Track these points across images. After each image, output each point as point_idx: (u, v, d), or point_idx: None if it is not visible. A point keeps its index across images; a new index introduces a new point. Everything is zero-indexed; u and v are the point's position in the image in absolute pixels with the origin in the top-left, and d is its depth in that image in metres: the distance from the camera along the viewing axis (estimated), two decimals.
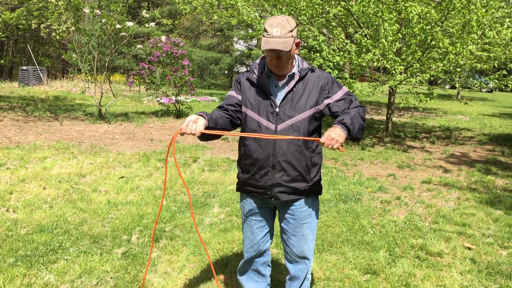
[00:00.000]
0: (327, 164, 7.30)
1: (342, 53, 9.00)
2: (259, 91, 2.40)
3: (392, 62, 8.53)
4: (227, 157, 7.43)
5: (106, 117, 11.26)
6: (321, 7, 9.34)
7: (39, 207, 4.68)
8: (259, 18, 10.65)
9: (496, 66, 10.37)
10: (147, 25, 12.54)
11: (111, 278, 3.27)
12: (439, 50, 9.23)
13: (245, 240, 2.63)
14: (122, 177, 5.89)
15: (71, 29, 11.26)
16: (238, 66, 30.15)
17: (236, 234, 4.15)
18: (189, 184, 5.74)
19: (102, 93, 11.56)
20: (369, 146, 9.17)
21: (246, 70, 2.52)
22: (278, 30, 2.20)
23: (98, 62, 11.48)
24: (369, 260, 3.71)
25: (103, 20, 10.57)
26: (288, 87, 2.38)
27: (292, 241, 2.54)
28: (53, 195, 5.06)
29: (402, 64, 8.68)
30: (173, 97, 12.68)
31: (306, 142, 2.38)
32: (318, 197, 2.59)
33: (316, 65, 8.80)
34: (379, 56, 8.55)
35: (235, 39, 31.49)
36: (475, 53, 9.70)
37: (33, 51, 23.66)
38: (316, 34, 9.26)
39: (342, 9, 9.37)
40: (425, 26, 8.36)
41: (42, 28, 12.83)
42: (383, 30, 8.43)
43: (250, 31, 16.99)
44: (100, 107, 11.35)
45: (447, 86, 17.14)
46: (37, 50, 27.97)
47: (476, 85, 10.02)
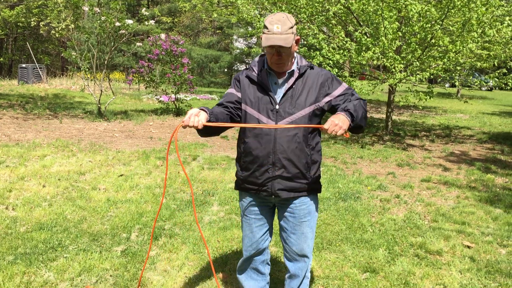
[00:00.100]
0: (327, 163, 7.30)
1: (342, 51, 8.99)
2: (259, 89, 2.40)
3: (392, 60, 8.53)
4: (227, 155, 7.43)
5: (106, 115, 11.26)
6: (321, 5, 9.32)
7: (39, 205, 4.67)
8: (259, 16, 10.63)
9: (496, 65, 10.37)
10: (147, 23, 12.52)
11: (111, 276, 3.27)
12: (439, 49, 9.22)
13: (244, 239, 2.62)
14: (122, 175, 5.89)
15: (71, 27, 11.26)
16: (238, 64, 30.11)
17: (236, 232, 4.15)
18: (188, 182, 5.73)
19: (102, 91, 11.56)
20: (369, 145, 9.17)
21: (245, 68, 2.52)
22: (279, 27, 2.20)
23: (98, 60, 11.47)
24: (369, 259, 3.71)
25: (103, 18, 10.56)
26: (288, 84, 2.37)
27: (292, 239, 2.53)
28: (53, 193, 5.06)
29: (402, 63, 8.67)
30: (173, 95, 12.66)
31: (306, 139, 2.37)
32: (318, 195, 2.59)
33: (316, 63, 8.79)
34: (379, 54, 8.54)
35: (235, 37, 31.46)
36: (475, 52, 9.70)
37: (33, 49, 23.63)
38: (316, 32, 9.24)
39: (342, 7, 9.36)
40: (425, 25, 8.35)
41: (42, 26, 12.84)
42: (383, 28, 8.42)
43: (250, 29, 16.96)
44: (100, 105, 11.34)
45: (447, 85, 17.14)
46: (37, 48, 27.93)
47: (476, 84, 10.01)
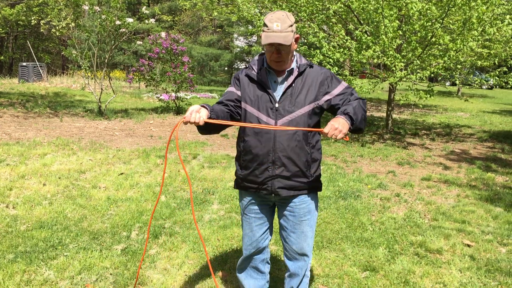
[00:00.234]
0: (327, 161, 7.30)
1: (342, 50, 8.98)
2: (259, 87, 2.40)
3: (392, 59, 8.52)
4: (227, 154, 7.43)
5: (106, 114, 11.26)
6: (321, 4, 9.31)
7: (39, 204, 4.68)
8: (259, 15, 10.62)
9: (497, 63, 10.35)
10: (147, 22, 12.51)
11: (111, 275, 3.28)
12: (440, 47, 9.21)
13: (244, 237, 2.62)
14: (122, 174, 5.90)
15: (71, 25, 11.25)
16: (238, 63, 30.09)
17: (236, 231, 4.15)
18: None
19: (102, 90, 11.56)
20: (369, 143, 9.17)
21: (245, 67, 2.52)
22: (279, 25, 2.20)
23: (98, 59, 11.47)
24: (369, 257, 3.72)
25: (103, 16, 10.56)
26: (287, 83, 2.38)
27: (292, 238, 2.53)
28: (53, 192, 5.06)
29: (402, 61, 8.66)
30: (173, 94, 12.66)
31: (306, 138, 2.37)
32: (318, 194, 2.59)
33: (316, 62, 8.78)
34: (379, 53, 8.53)
35: (235, 36, 31.43)
36: (476, 50, 9.68)
37: (33, 47, 23.61)
38: (316, 31, 9.24)
39: (342, 6, 9.35)
40: (426, 23, 8.34)
41: (42, 24, 12.80)
42: (384, 27, 8.41)
43: (250, 28, 16.92)
44: (100, 104, 11.34)
45: (448, 83, 17.12)
46: (37, 46, 27.91)
47: (477, 82, 10.00)
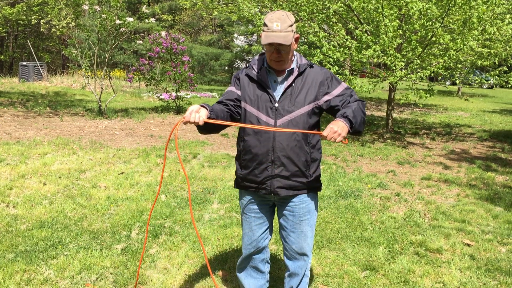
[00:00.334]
0: (327, 160, 7.30)
1: (343, 49, 8.98)
2: (258, 87, 2.40)
3: (393, 58, 8.51)
4: (227, 153, 7.44)
5: (106, 113, 11.26)
6: (321, 3, 9.31)
7: (39, 203, 4.68)
8: (259, 14, 10.62)
9: (497, 63, 10.35)
10: (147, 21, 12.52)
11: (111, 274, 3.28)
12: (440, 46, 9.21)
13: (244, 237, 2.63)
14: (122, 173, 5.90)
15: (71, 25, 11.25)
16: (239, 62, 30.09)
17: (236, 230, 4.16)
18: (189, 180, 5.74)
19: (102, 89, 11.56)
20: (369, 143, 9.17)
21: (245, 67, 2.53)
22: (279, 25, 2.20)
23: (98, 58, 11.47)
24: (368, 257, 3.72)
25: (103, 16, 10.55)
26: (287, 83, 2.38)
27: (291, 238, 2.54)
28: (53, 191, 5.07)
29: (403, 60, 8.66)
30: (173, 93, 12.66)
31: (306, 137, 2.37)
32: (317, 194, 2.59)
33: (317, 61, 8.78)
34: (380, 52, 8.53)
35: (235, 35, 31.43)
36: (476, 49, 9.68)
37: (33, 47, 23.62)
38: (317, 30, 9.23)
39: (343, 5, 9.34)
40: (426, 22, 8.33)
41: (42, 24, 12.81)
42: (384, 26, 8.40)
43: (250, 27, 16.93)
44: (100, 103, 11.34)
45: (448, 83, 17.11)
46: (37, 46, 27.89)
47: (477, 82, 10.00)
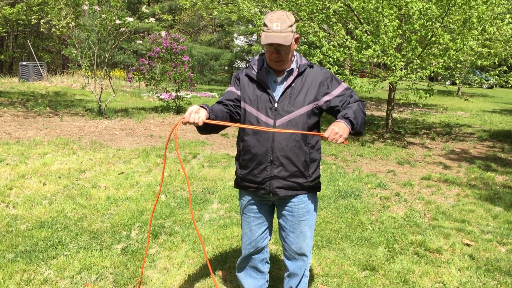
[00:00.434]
0: (327, 160, 7.30)
1: (342, 49, 8.98)
2: (258, 87, 2.41)
3: (393, 58, 8.51)
4: (227, 153, 7.44)
5: (106, 113, 11.26)
6: (321, 3, 9.31)
7: (39, 203, 4.68)
8: (259, 14, 10.62)
9: (497, 63, 10.35)
10: (147, 21, 12.52)
11: (111, 274, 3.28)
12: (440, 46, 9.21)
13: (243, 237, 2.63)
14: (122, 173, 5.90)
15: (71, 25, 11.25)
16: (238, 62, 30.09)
17: (235, 230, 4.16)
18: (189, 180, 5.74)
19: (102, 89, 11.55)
20: (369, 142, 9.17)
21: (245, 67, 2.53)
22: (279, 25, 2.20)
23: (98, 58, 11.47)
24: (368, 257, 3.72)
25: (103, 16, 10.55)
26: (287, 83, 2.38)
27: (291, 238, 2.54)
28: (53, 191, 5.07)
29: (402, 60, 8.66)
30: (173, 93, 12.66)
31: (305, 138, 2.37)
32: (317, 194, 2.59)
33: (316, 61, 8.78)
34: (379, 52, 8.53)
35: (235, 35, 31.43)
36: (476, 49, 9.68)
37: (33, 47, 23.62)
38: (316, 30, 9.23)
39: (342, 5, 9.34)
40: (426, 22, 8.33)
41: (42, 24, 12.80)
42: (384, 26, 8.40)
43: (250, 27, 16.94)
44: (100, 103, 11.34)
45: (448, 82, 17.12)
46: (37, 46, 27.88)
47: (477, 81, 10.00)
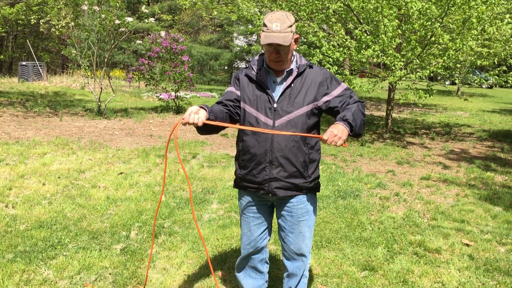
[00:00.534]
0: (326, 160, 7.30)
1: (342, 49, 8.98)
2: (258, 87, 2.41)
3: (392, 58, 8.51)
4: (226, 153, 7.44)
5: (106, 113, 11.26)
6: (321, 3, 9.31)
7: (38, 203, 4.68)
8: (259, 14, 10.62)
9: (496, 62, 10.35)
10: (147, 21, 12.51)
11: (110, 274, 3.28)
12: (439, 46, 9.21)
13: (243, 237, 2.63)
14: (121, 173, 5.90)
15: (71, 25, 11.25)
16: (238, 62, 30.09)
17: (235, 230, 4.16)
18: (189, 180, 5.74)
19: (102, 89, 11.55)
20: (369, 142, 9.17)
21: (245, 67, 2.53)
22: (278, 25, 2.20)
23: (98, 58, 11.47)
24: (367, 257, 3.72)
25: (102, 16, 10.55)
26: (286, 83, 2.38)
27: (290, 238, 2.54)
28: (52, 191, 5.07)
29: (402, 60, 8.66)
30: (173, 93, 12.66)
31: (304, 138, 2.37)
32: (316, 194, 2.59)
33: (316, 61, 8.78)
34: (379, 52, 8.53)
35: (235, 35, 31.42)
36: (475, 49, 9.67)
37: (33, 47, 23.61)
38: (316, 30, 9.23)
39: (342, 5, 9.34)
40: (425, 22, 8.33)
41: (42, 24, 12.81)
42: (383, 26, 8.41)
43: (250, 27, 16.95)
44: (100, 103, 11.34)
45: (447, 82, 17.13)
46: (37, 46, 27.87)
47: (476, 81, 10.01)
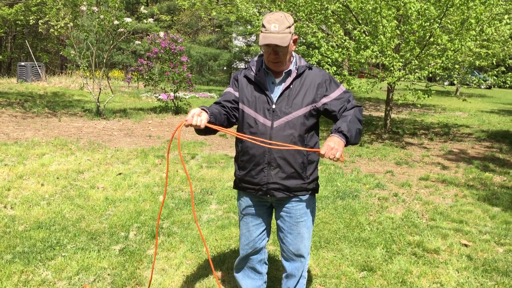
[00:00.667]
0: (325, 161, 7.31)
1: (341, 50, 8.98)
2: (256, 88, 2.41)
3: (391, 59, 8.52)
4: (225, 154, 7.44)
5: (105, 114, 11.25)
6: (320, 3, 9.32)
7: (37, 204, 4.68)
8: (258, 14, 10.62)
9: (495, 63, 10.37)
10: (146, 21, 12.51)
11: (109, 275, 3.28)
12: (438, 47, 9.22)
13: (241, 237, 2.63)
14: (120, 174, 5.90)
15: (69, 25, 11.24)
16: (237, 62, 30.10)
17: (234, 231, 4.16)
18: (187, 181, 5.74)
19: (101, 89, 11.54)
20: (367, 143, 9.18)
21: (244, 68, 2.53)
22: (276, 26, 2.21)
23: (97, 58, 11.46)
24: (366, 257, 3.73)
25: (101, 16, 10.55)
26: (285, 84, 2.38)
27: (288, 239, 2.54)
28: (51, 192, 5.06)
29: (401, 61, 8.67)
30: (172, 94, 12.66)
31: (303, 139, 2.38)
32: (315, 195, 2.59)
33: (315, 62, 8.79)
34: (378, 53, 8.54)
35: (234, 35, 31.44)
36: (474, 50, 9.69)
37: (32, 47, 23.59)
38: (315, 31, 9.24)
39: (341, 6, 9.35)
40: (424, 23, 8.35)
41: (40, 24, 12.80)
42: (382, 27, 8.42)
43: (249, 27, 16.96)
44: (99, 103, 11.33)
45: (446, 83, 17.15)
46: (36, 46, 27.88)
47: (475, 82, 10.02)
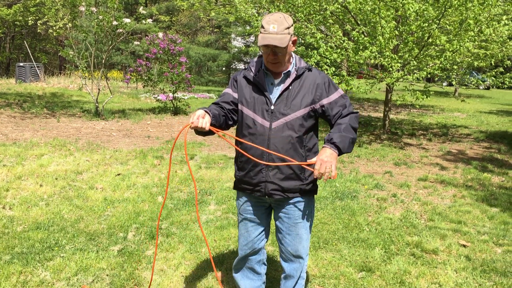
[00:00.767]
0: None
1: (340, 50, 8.99)
2: (255, 89, 2.41)
3: (389, 60, 8.53)
4: (224, 154, 7.44)
5: (103, 114, 11.24)
6: (318, 4, 9.33)
7: (36, 204, 4.67)
8: (257, 15, 10.64)
9: (493, 64, 10.39)
10: (145, 22, 12.53)
11: (107, 276, 3.28)
12: (436, 48, 9.24)
13: (240, 238, 2.63)
14: (119, 174, 5.89)
15: (68, 26, 11.24)
16: (236, 63, 30.09)
17: (232, 232, 4.16)
18: (186, 181, 5.74)
19: (99, 90, 11.54)
20: (366, 143, 9.19)
21: (244, 68, 2.53)
22: (275, 27, 2.21)
23: (95, 59, 11.46)
24: (365, 258, 3.73)
25: (100, 17, 10.55)
26: (284, 85, 2.38)
27: (287, 240, 2.54)
28: (50, 192, 5.06)
29: (399, 62, 8.68)
30: (171, 94, 12.66)
31: (302, 140, 2.38)
32: (314, 197, 2.59)
33: (314, 62, 8.80)
34: (376, 54, 8.55)
35: (233, 36, 31.43)
36: (472, 51, 9.71)
37: (30, 48, 23.58)
38: (314, 31, 9.25)
39: (339, 6, 9.36)
40: (422, 23, 8.36)
41: (39, 25, 12.81)
42: (380, 28, 8.43)
43: (248, 28, 16.97)
44: (97, 104, 11.33)
45: (444, 84, 17.19)
46: (34, 47, 27.87)
47: (473, 83, 10.04)
